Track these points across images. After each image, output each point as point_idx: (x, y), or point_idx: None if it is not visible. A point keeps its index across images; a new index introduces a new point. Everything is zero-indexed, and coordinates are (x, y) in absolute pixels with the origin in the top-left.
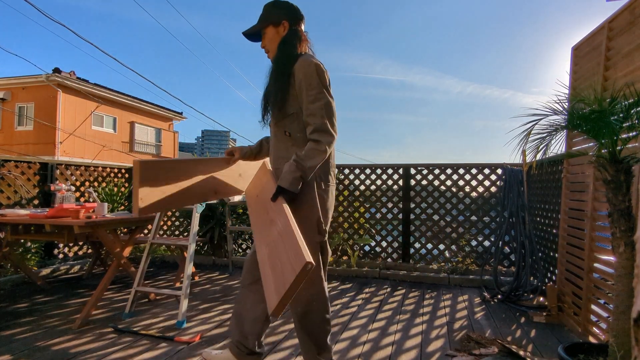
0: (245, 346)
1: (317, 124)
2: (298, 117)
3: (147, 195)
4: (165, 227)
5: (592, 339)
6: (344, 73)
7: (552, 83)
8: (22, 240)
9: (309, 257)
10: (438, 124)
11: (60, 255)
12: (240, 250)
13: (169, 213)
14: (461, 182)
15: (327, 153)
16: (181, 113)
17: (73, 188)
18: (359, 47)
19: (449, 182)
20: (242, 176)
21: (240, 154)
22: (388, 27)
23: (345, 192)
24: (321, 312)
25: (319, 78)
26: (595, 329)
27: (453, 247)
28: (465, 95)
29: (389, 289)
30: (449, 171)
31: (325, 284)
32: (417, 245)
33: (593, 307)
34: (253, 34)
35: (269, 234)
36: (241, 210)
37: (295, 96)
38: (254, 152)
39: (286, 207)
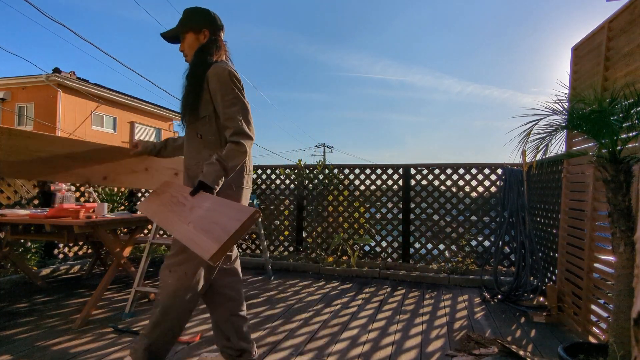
0: (233, 348)
1: (236, 127)
2: (210, 120)
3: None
4: None
5: (592, 339)
6: (344, 73)
7: (552, 83)
8: (22, 240)
9: (255, 208)
10: (438, 124)
11: (60, 255)
12: (240, 250)
13: None
14: (461, 182)
15: (247, 154)
16: None
17: (73, 188)
18: (359, 47)
19: (449, 182)
20: (148, 170)
21: (142, 147)
22: (388, 28)
23: (345, 192)
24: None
25: (233, 84)
26: (595, 329)
27: (453, 247)
28: (465, 95)
29: (389, 289)
30: (449, 171)
31: (202, 272)
32: (417, 245)
33: (593, 307)
34: (172, 37)
35: (192, 216)
36: None
37: (208, 100)
38: (156, 148)
39: (210, 194)
